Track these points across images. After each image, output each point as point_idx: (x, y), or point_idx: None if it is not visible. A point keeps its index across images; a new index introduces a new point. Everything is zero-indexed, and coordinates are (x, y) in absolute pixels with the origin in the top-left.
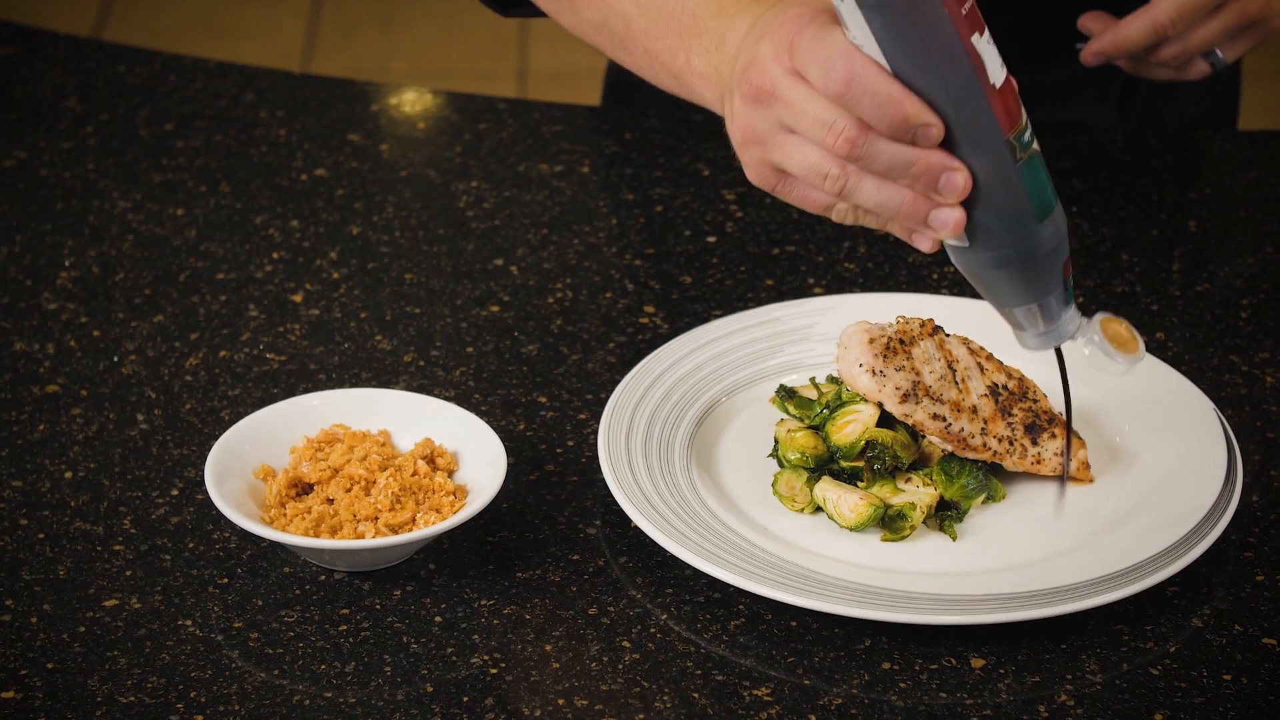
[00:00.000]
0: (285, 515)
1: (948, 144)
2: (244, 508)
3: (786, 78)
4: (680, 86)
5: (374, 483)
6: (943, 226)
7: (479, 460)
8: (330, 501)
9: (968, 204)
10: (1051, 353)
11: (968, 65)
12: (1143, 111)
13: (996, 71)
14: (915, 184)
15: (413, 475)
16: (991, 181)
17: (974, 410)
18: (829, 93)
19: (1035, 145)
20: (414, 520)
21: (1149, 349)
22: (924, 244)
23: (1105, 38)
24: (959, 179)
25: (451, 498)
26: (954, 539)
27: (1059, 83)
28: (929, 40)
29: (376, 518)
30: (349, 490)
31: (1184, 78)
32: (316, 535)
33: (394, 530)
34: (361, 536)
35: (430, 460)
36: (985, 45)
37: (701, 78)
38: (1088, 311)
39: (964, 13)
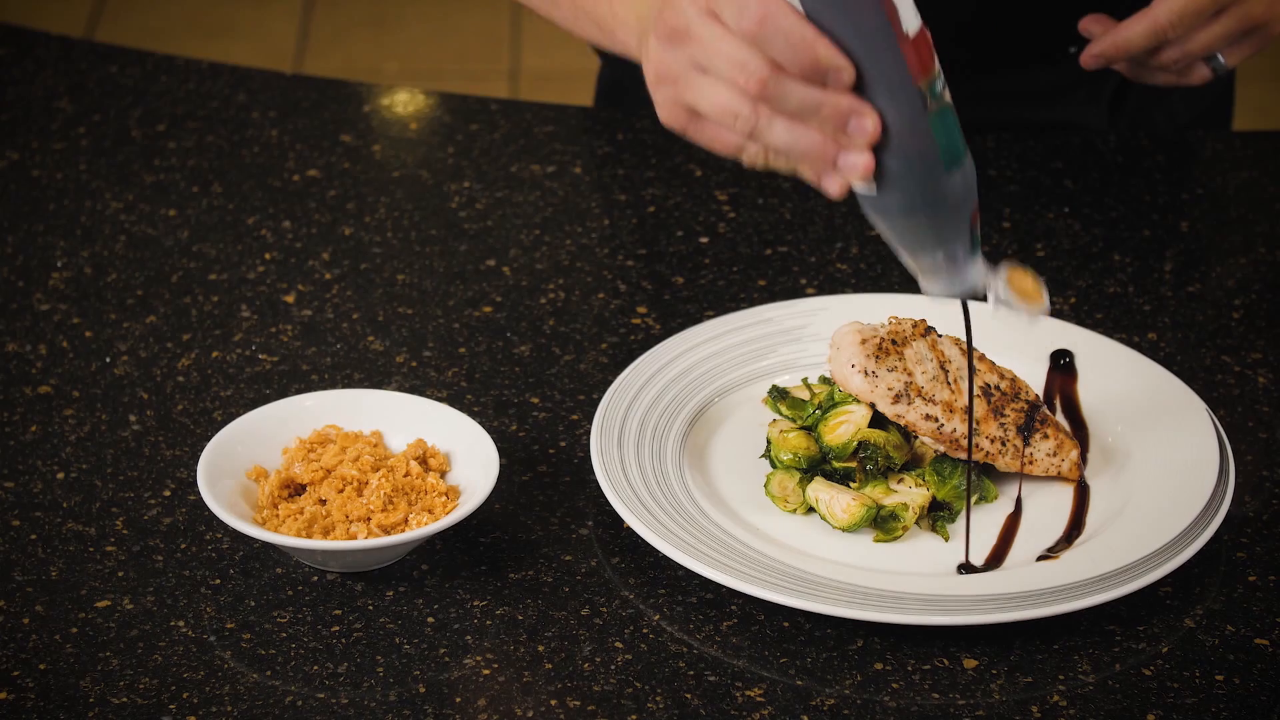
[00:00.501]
0: (278, 516)
1: (859, 89)
2: (236, 509)
3: (701, 18)
4: (604, 36)
5: (366, 484)
6: (851, 170)
7: (471, 461)
8: (323, 502)
9: (877, 150)
10: (1045, 358)
11: (880, 11)
12: (1134, 113)
13: (910, 19)
14: (824, 126)
15: (405, 476)
16: (901, 128)
17: (966, 411)
18: (742, 33)
19: (947, 97)
20: (406, 521)
21: (1141, 349)
22: (832, 187)
23: (1105, 40)
24: (868, 123)
25: (444, 499)
26: (946, 539)
27: (1051, 84)
28: None
29: (369, 519)
30: (341, 491)
31: (1185, 82)
32: (309, 536)
33: (386, 531)
34: (354, 537)
35: (423, 461)
36: None
37: (624, 25)
38: (1018, 267)
39: None
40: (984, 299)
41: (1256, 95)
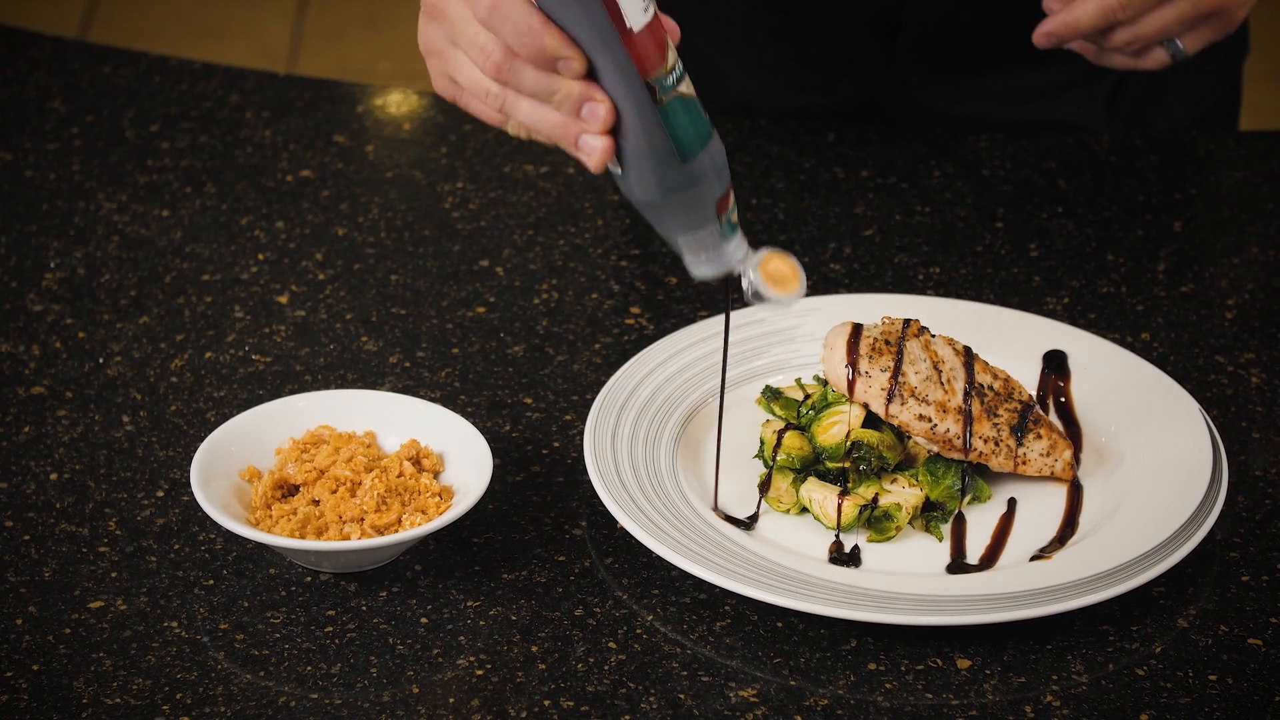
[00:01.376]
0: (271, 517)
1: (594, 76)
2: (230, 509)
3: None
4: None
5: (360, 484)
6: (590, 152)
7: (465, 461)
8: (316, 503)
9: (617, 135)
10: (1038, 358)
11: (600, 9)
12: (1130, 114)
13: (637, 17)
14: (561, 109)
15: (398, 476)
16: (632, 118)
17: (959, 411)
18: (478, 17)
19: (684, 89)
20: (399, 522)
21: (1134, 349)
22: (588, 162)
23: (1056, 19)
24: (600, 110)
25: (437, 499)
26: (940, 539)
27: (1048, 83)
28: None
29: (362, 519)
30: (334, 491)
31: (1143, 66)
32: (302, 537)
33: (380, 531)
34: (347, 538)
35: (416, 461)
36: None
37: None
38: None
39: None
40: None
41: (1253, 97)
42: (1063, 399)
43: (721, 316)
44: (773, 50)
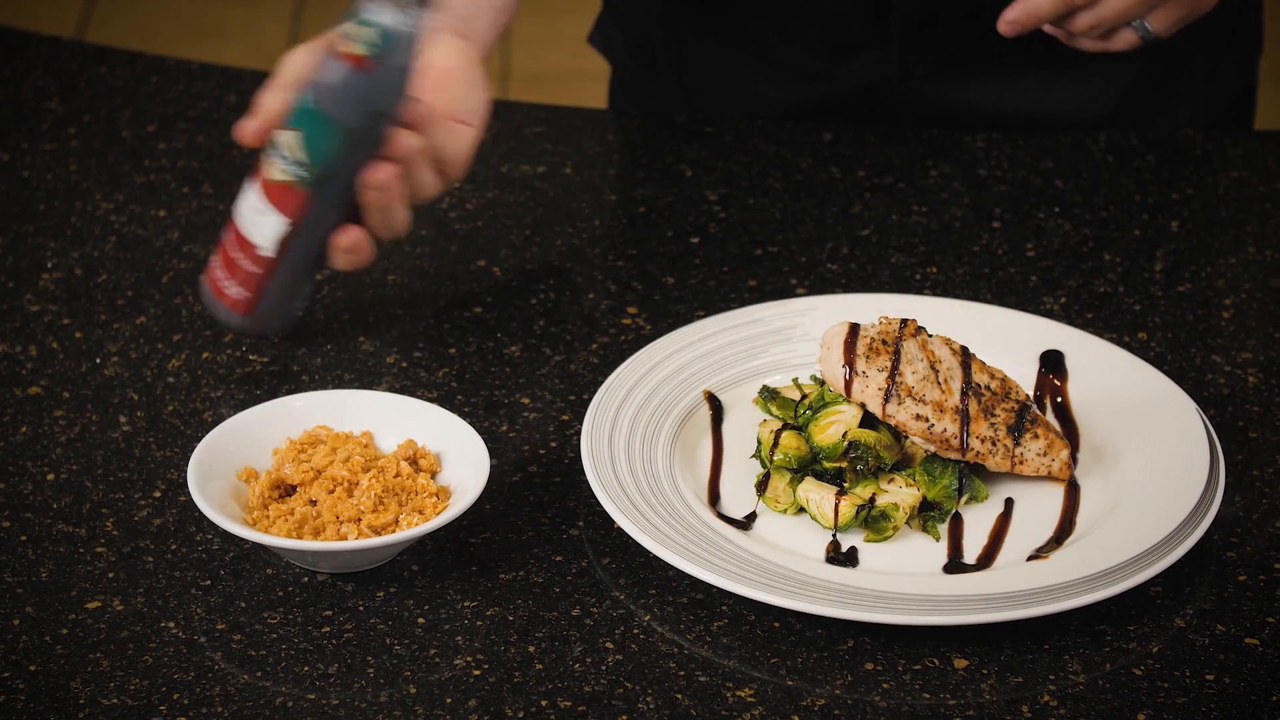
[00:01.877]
0: (268, 517)
1: None
2: (227, 509)
3: None
4: None
5: (357, 484)
6: None
7: (462, 461)
8: (313, 503)
9: None
10: (1035, 358)
11: None
12: (1139, 116)
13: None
14: None
15: (395, 477)
16: None
17: (956, 410)
18: None
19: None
20: (397, 522)
21: (1131, 349)
22: None
23: (1017, 6)
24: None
25: (434, 499)
26: (937, 539)
27: (1053, 83)
28: None
29: (359, 519)
30: (332, 492)
31: (1111, 48)
32: (299, 537)
33: (377, 532)
34: (344, 538)
35: (413, 461)
36: None
37: None
38: None
39: None
40: None
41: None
42: (1060, 399)
43: (724, 314)
44: (775, 37)
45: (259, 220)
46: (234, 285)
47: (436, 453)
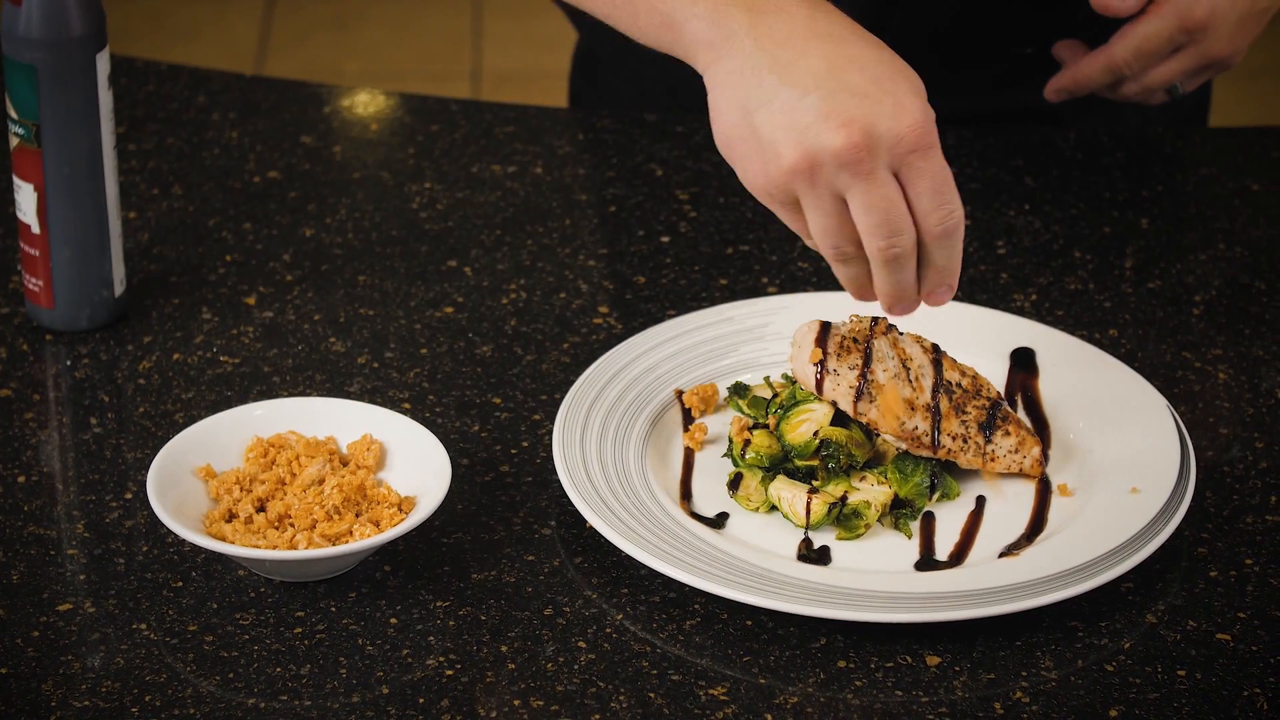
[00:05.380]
0: (228, 524)
1: None
2: (188, 515)
3: None
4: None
5: (318, 492)
6: None
7: (425, 470)
8: (262, 510)
9: None
10: (1006, 355)
11: None
12: (1107, 110)
13: None
14: None
15: (357, 486)
16: None
17: (927, 408)
18: None
19: None
20: (351, 532)
21: (1102, 346)
22: None
23: (1066, 76)
24: None
25: (394, 510)
26: (909, 537)
27: (1023, 70)
28: None
29: (313, 527)
30: (291, 499)
31: (1146, 103)
32: (257, 546)
33: (332, 541)
34: (295, 547)
35: (365, 458)
36: None
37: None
38: None
39: None
40: None
41: (1220, 95)
42: (1031, 396)
43: (695, 313)
44: None
45: (20, 200)
46: (32, 279)
47: (398, 456)
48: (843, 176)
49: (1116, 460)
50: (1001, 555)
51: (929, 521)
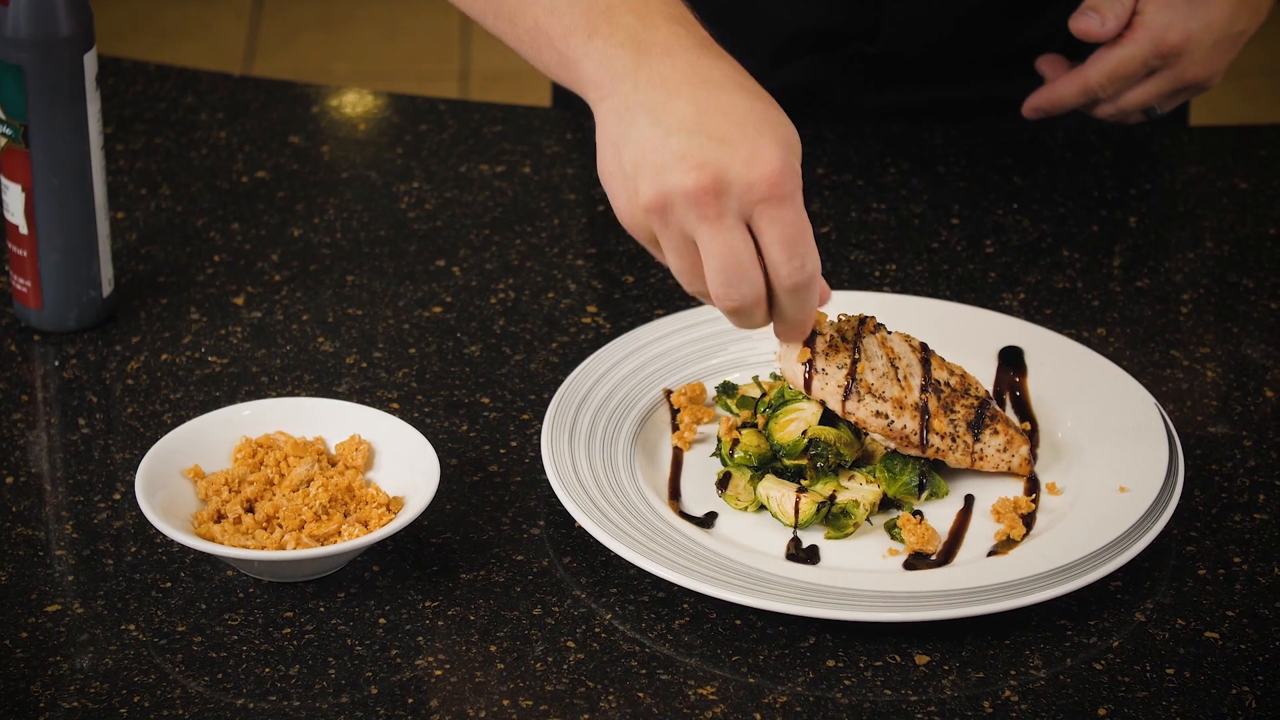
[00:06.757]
0: (215, 525)
1: None
2: (176, 516)
3: None
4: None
5: (306, 493)
6: None
7: (414, 470)
8: (250, 510)
9: None
10: (995, 354)
11: None
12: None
13: None
14: None
15: (345, 486)
16: None
17: (916, 407)
18: None
19: None
20: (339, 533)
21: (1090, 344)
22: None
23: (1042, 95)
24: None
25: (383, 510)
26: (903, 544)
27: (1013, 57)
28: None
29: (302, 527)
30: (279, 500)
31: (1124, 123)
32: (246, 546)
33: (320, 541)
34: (284, 547)
35: (353, 458)
36: None
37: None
38: None
39: None
40: None
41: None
42: (1019, 394)
43: (683, 313)
44: (737, 40)
45: (8, 200)
46: (19, 279)
47: (386, 458)
48: (690, 218)
49: (1105, 459)
50: (990, 554)
51: (917, 520)
